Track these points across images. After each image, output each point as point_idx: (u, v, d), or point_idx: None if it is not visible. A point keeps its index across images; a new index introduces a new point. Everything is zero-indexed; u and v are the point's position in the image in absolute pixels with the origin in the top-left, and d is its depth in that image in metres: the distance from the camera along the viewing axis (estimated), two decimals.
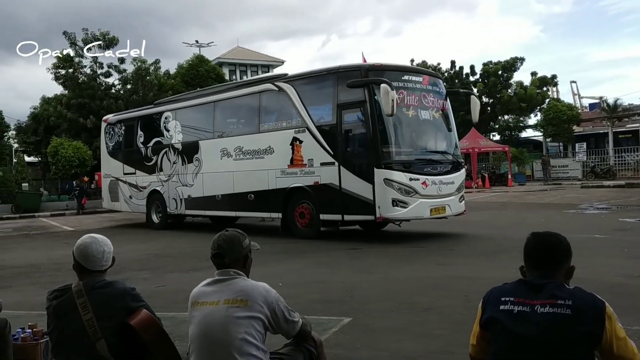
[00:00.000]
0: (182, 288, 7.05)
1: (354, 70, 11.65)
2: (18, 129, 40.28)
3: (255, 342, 2.77)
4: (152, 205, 16.81)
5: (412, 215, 11.27)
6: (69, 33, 31.63)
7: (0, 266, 10.28)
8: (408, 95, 11.48)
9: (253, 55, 53.25)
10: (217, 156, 14.53)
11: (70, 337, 3.01)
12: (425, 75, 12.41)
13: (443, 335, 5.01)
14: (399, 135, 11.55)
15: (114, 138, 18.76)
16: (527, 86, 41.66)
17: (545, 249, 2.50)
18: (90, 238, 3.17)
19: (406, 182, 10.91)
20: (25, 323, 4.46)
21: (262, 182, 13.14)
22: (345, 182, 11.42)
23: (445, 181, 11.60)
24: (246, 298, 2.82)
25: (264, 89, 13.42)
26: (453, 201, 11.78)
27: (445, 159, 12.00)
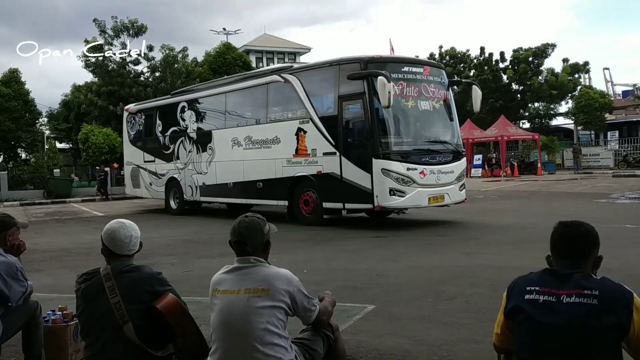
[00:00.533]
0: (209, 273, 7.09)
1: (354, 63, 11.85)
2: (50, 116, 41.09)
3: (277, 331, 2.77)
4: (170, 191, 17.35)
5: (410, 204, 11.55)
6: (98, 21, 32.07)
7: (34, 250, 10.49)
8: (408, 86, 11.69)
9: (280, 43, 53.18)
10: (228, 145, 14.98)
11: (98, 319, 3.09)
12: (427, 66, 12.55)
13: (468, 324, 4.97)
14: (398, 126, 11.83)
15: (135, 127, 19.38)
16: (559, 73, 40.84)
17: (572, 239, 2.46)
18: (118, 223, 3.23)
19: (403, 172, 11.15)
20: (56, 306, 4.56)
21: (270, 171, 13.53)
22: (346, 172, 11.71)
23: (444, 170, 11.77)
24: (267, 287, 2.79)
25: (271, 81, 13.76)
26: (452, 190, 11.96)
27: (444, 149, 12.15)
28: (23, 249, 4.19)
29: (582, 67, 42.24)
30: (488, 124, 37.14)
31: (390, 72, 11.17)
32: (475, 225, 11.76)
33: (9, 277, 3.75)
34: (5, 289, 3.73)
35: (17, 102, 31.76)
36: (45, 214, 19.40)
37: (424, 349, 4.38)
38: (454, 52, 47.96)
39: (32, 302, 4.12)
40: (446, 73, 13.17)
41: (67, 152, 41.03)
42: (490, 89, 41.64)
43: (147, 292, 3.09)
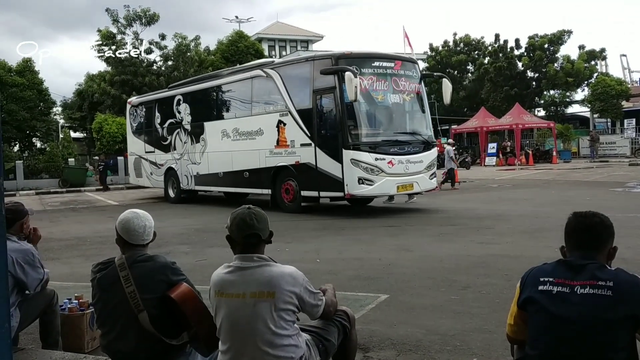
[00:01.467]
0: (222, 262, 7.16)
1: (326, 59, 12.57)
2: (64, 106, 41.38)
3: (286, 333, 2.73)
4: (169, 181, 18.15)
5: (379, 192, 12.20)
6: (111, 10, 32.15)
7: (49, 239, 10.64)
8: (378, 80, 12.30)
9: (292, 31, 52.99)
10: (218, 137, 15.72)
11: (113, 308, 3.14)
12: (398, 61, 13.03)
13: (481, 314, 4.97)
14: (367, 118, 12.39)
15: (137, 119, 20.15)
16: (575, 60, 40.31)
17: (587, 229, 2.44)
18: (132, 213, 3.26)
19: (372, 162, 11.74)
20: (72, 294, 4.63)
21: (255, 161, 14.27)
22: (320, 162, 12.37)
23: (412, 160, 12.31)
24: (273, 290, 2.70)
25: (255, 75, 14.45)
26: (422, 178, 12.51)
27: (414, 140, 12.71)
28: (39, 235, 4.23)
29: (598, 54, 41.62)
30: (503, 112, 36.84)
31: (361, 67, 11.94)
32: (489, 215, 11.69)
33: (26, 264, 3.80)
34: (22, 276, 3.78)
35: (32, 91, 31.99)
36: (61, 203, 19.61)
37: (437, 339, 4.38)
38: (468, 39, 47.52)
39: (49, 290, 4.18)
40: (418, 67, 13.78)
41: (81, 141, 41.34)
42: (505, 77, 41.23)
43: (161, 282, 3.13)
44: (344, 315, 3.26)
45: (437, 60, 47.69)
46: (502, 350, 3.85)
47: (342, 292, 5.81)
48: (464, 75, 48.57)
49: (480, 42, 47.14)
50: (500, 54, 42.18)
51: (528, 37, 41.75)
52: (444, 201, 14.70)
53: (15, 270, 3.73)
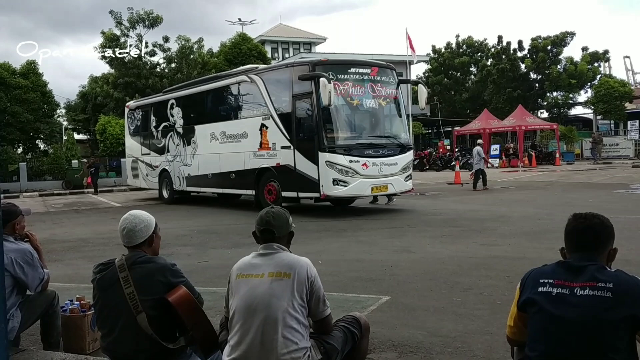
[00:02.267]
0: (225, 264, 7.18)
1: (304, 65, 13.06)
2: (67, 107, 41.46)
3: (297, 316, 2.82)
4: (163, 182, 18.82)
5: (353, 193, 12.60)
6: (115, 12, 32.23)
7: (52, 240, 10.67)
8: (354, 86, 12.71)
9: (295, 33, 53.01)
10: (208, 139, 16.30)
11: (112, 309, 3.14)
12: (375, 67, 13.36)
13: (483, 315, 4.96)
14: (342, 122, 12.80)
15: (134, 122, 20.83)
16: (578, 62, 40.27)
17: (586, 230, 2.44)
18: (128, 215, 3.32)
19: (346, 164, 12.19)
20: (74, 295, 4.64)
21: (240, 163, 14.82)
22: (299, 164, 12.82)
23: (387, 163, 12.75)
24: (289, 271, 2.88)
25: (240, 80, 15.03)
26: (396, 180, 12.96)
27: (389, 143, 13.13)
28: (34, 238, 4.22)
29: (601, 56, 41.59)
30: (505, 113, 36.81)
31: (337, 74, 12.45)
32: (492, 216, 11.68)
33: (25, 264, 3.81)
34: (22, 275, 3.79)
35: (35, 93, 32.05)
36: (64, 205, 19.66)
37: (438, 340, 4.38)
38: (471, 41, 47.55)
39: (50, 291, 4.18)
40: (396, 72, 14.05)
41: (85, 143, 41.41)
42: (508, 78, 41.22)
43: (160, 283, 3.13)
44: (355, 322, 3.23)
45: (439, 62, 47.74)
46: (503, 352, 3.84)
47: (344, 293, 5.82)
48: (466, 77, 48.60)
49: (483, 44, 47.17)
50: (503, 56, 42.19)
51: (531, 39, 41.79)
52: (446, 203, 14.68)
53: (15, 270, 3.74)
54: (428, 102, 44.29)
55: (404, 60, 37.49)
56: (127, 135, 21.55)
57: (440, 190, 18.55)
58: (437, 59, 47.91)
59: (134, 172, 20.78)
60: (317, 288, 2.94)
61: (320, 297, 2.95)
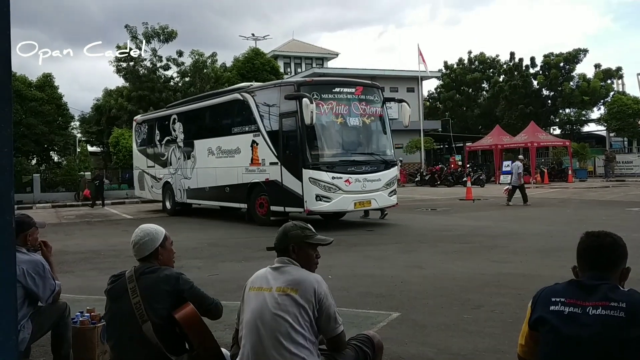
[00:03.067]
0: (234, 277, 7.19)
1: (290, 85, 13.59)
2: (82, 120, 41.93)
3: (303, 332, 2.81)
4: (166, 194, 19.36)
5: (336, 208, 13.12)
6: (130, 27, 32.65)
7: (64, 252, 10.74)
8: (338, 105, 13.22)
9: (308, 48, 53.38)
10: (205, 154, 16.88)
11: (120, 319, 3.20)
12: (359, 87, 13.89)
13: (494, 333, 4.91)
14: (325, 140, 13.28)
15: (140, 135, 21.59)
16: (590, 79, 40.14)
17: (599, 249, 2.41)
18: (137, 229, 3.40)
19: (329, 180, 12.69)
20: (84, 307, 4.66)
21: (234, 177, 15.35)
22: (285, 180, 13.31)
23: (370, 179, 13.20)
24: (297, 287, 2.87)
25: (234, 98, 15.57)
26: (380, 196, 13.38)
27: (372, 159, 13.57)
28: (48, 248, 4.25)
29: (614, 73, 41.45)
30: (518, 130, 36.68)
31: (321, 93, 13.00)
32: (504, 233, 11.61)
33: (36, 275, 3.83)
34: (34, 287, 3.81)
35: (51, 106, 32.46)
36: (76, 216, 19.79)
37: (449, 358, 4.34)
38: (483, 57, 47.59)
39: (61, 303, 4.20)
40: (381, 91, 14.41)
41: (98, 155, 41.78)
42: (520, 95, 41.14)
43: (165, 292, 3.17)
44: (367, 342, 3.18)
45: (451, 77, 47.79)
46: None
47: (354, 309, 5.79)
48: (478, 93, 48.58)
49: (495, 60, 47.18)
50: (516, 72, 42.15)
51: (543, 56, 41.73)
52: (458, 219, 14.62)
53: (27, 281, 3.76)
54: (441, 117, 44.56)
55: (416, 76, 37.67)
56: (134, 148, 22.35)
57: (452, 206, 18.48)
58: (449, 74, 47.97)
59: (141, 183, 21.52)
60: (327, 306, 2.89)
61: (330, 315, 2.90)
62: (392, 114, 38.15)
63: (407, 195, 24.87)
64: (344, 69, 39.71)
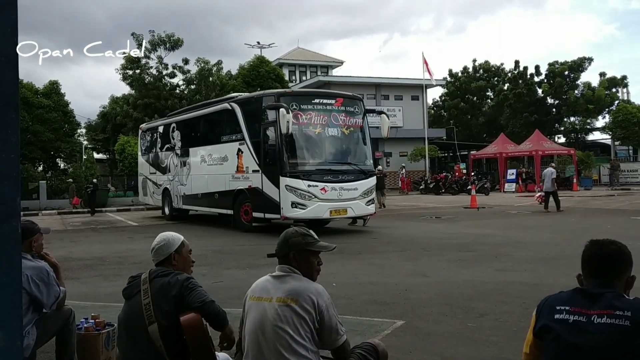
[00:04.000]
0: (238, 285, 7.19)
1: (271, 96, 13.93)
2: (88, 127, 42.12)
3: (303, 342, 2.79)
4: (165, 199, 19.99)
5: (311, 216, 13.24)
6: (137, 35, 32.84)
7: (69, 258, 10.76)
8: (317, 115, 13.55)
9: (313, 56, 53.55)
10: (198, 161, 17.48)
11: (130, 319, 3.27)
12: (340, 98, 14.22)
13: (498, 342, 4.90)
14: (302, 149, 13.64)
15: (144, 143, 22.41)
16: (595, 87, 40.11)
17: (604, 257, 2.41)
18: (158, 235, 3.52)
19: (304, 188, 13.01)
20: (89, 314, 4.67)
21: (222, 184, 15.83)
22: (265, 187, 13.70)
23: (346, 188, 13.48)
24: (297, 297, 2.84)
25: (223, 108, 16.03)
26: (357, 204, 13.63)
27: (350, 169, 13.85)
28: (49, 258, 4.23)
29: (619, 81, 41.39)
30: (522, 138, 36.64)
31: (301, 104, 13.43)
32: (508, 241, 11.57)
33: (41, 282, 3.83)
34: (38, 293, 3.82)
35: (57, 113, 32.65)
36: (82, 223, 19.84)
37: None
38: (488, 65, 47.63)
39: (66, 309, 4.21)
40: (362, 103, 14.77)
41: (104, 163, 41.92)
42: (525, 103, 41.13)
43: (172, 297, 3.21)
44: (372, 350, 3.14)
45: (456, 86, 47.82)
46: None
47: (358, 317, 5.78)
48: (483, 101, 48.59)
49: (500, 69, 47.21)
50: (520, 81, 42.16)
51: (548, 64, 41.76)
52: (462, 227, 14.59)
53: (31, 288, 3.77)
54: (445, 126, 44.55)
55: (421, 84, 37.71)
56: (139, 155, 23.03)
57: (456, 214, 18.45)
58: (453, 82, 48.01)
59: (144, 190, 22.27)
60: (329, 317, 2.86)
61: (332, 327, 2.87)
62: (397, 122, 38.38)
63: (411, 203, 24.85)
64: (349, 77, 39.79)
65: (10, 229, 1.27)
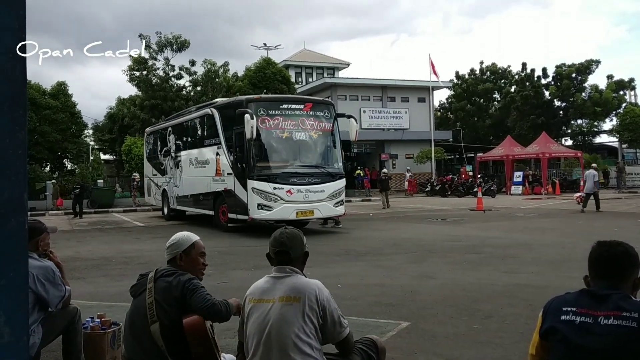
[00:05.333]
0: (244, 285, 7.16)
1: (241, 102, 14.27)
2: (95, 128, 42.31)
3: (308, 340, 2.79)
4: (164, 200, 20.65)
5: (277, 217, 13.54)
6: (144, 36, 32.96)
7: (75, 258, 10.80)
8: (285, 120, 13.92)
9: (319, 58, 53.57)
10: (188, 164, 18.06)
11: (135, 317, 3.30)
12: (309, 103, 14.70)
13: (504, 344, 4.88)
14: (269, 153, 14.06)
15: (148, 146, 23.13)
16: (603, 90, 39.95)
17: (611, 259, 2.39)
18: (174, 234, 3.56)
19: (270, 191, 13.44)
20: (95, 313, 4.69)
21: (205, 187, 16.43)
22: (237, 189, 14.18)
23: (313, 190, 13.83)
24: (299, 295, 2.85)
25: (205, 114, 16.66)
26: (324, 206, 13.99)
27: (317, 172, 14.20)
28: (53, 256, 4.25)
29: (627, 84, 41.22)
30: (529, 140, 36.51)
31: (269, 109, 13.85)
32: (514, 244, 11.53)
33: (46, 281, 3.84)
34: (43, 292, 3.82)
35: (64, 114, 32.82)
36: (88, 223, 19.90)
37: None
38: (495, 67, 47.52)
39: (72, 308, 4.22)
40: (333, 108, 15.13)
41: (110, 163, 42.08)
42: (532, 105, 41.01)
43: (174, 298, 3.23)
44: (372, 345, 3.21)
45: (463, 88, 47.73)
46: None
47: (363, 318, 5.77)
48: (490, 103, 48.47)
49: (507, 71, 47.09)
50: (527, 83, 42.04)
51: (555, 67, 41.67)
52: (468, 229, 14.55)
53: (37, 287, 3.78)
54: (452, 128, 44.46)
55: (427, 86, 37.65)
56: (144, 158, 23.90)
57: (462, 217, 18.40)
58: (460, 85, 47.92)
59: (148, 190, 23.07)
60: (331, 311, 2.88)
61: (335, 320, 2.90)
62: (403, 124, 38.33)
63: (417, 205, 24.80)
64: (355, 79, 39.76)
65: (17, 224, 1.27)
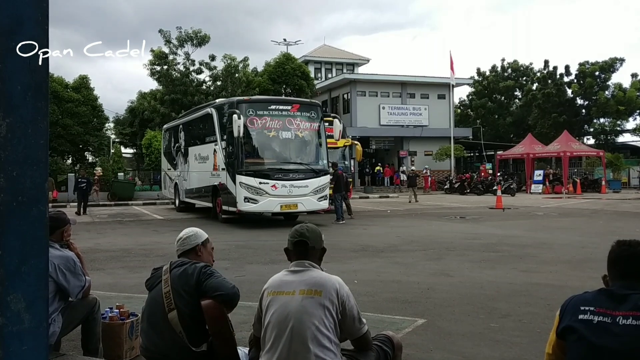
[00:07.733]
0: (261, 279, 7.22)
1: (233, 103, 15.35)
2: (116, 121, 42.71)
3: (327, 334, 2.82)
4: (176, 193, 21.92)
5: (262, 209, 14.90)
6: (164, 31, 33.15)
7: (96, 250, 10.95)
8: (272, 120, 14.93)
9: (339, 54, 53.37)
10: (193, 159, 19.30)
11: (152, 308, 3.38)
12: (296, 104, 15.73)
13: (521, 343, 4.84)
14: (256, 150, 15.09)
15: (165, 141, 24.57)
16: (627, 88, 39.29)
17: (630, 258, 2.36)
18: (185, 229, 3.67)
19: (256, 185, 14.48)
20: (114, 304, 4.75)
21: (205, 181, 17.64)
22: (228, 184, 15.24)
23: (297, 185, 14.78)
24: (320, 289, 2.88)
25: (206, 112, 17.78)
26: (307, 200, 14.96)
27: (301, 168, 15.14)
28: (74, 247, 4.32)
29: None
30: (550, 139, 36.09)
31: (257, 110, 14.87)
32: (533, 243, 11.42)
33: (67, 271, 3.91)
34: (64, 282, 3.89)
35: (86, 107, 33.14)
36: (109, 216, 20.15)
37: None
38: (517, 65, 47.02)
39: (91, 298, 4.29)
40: (320, 109, 16.18)
41: (131, 157, 42.46)
42: (554, 103, 40.50)
43: (191, 284, 3.30)
44: (387, 341, 3.23)
45: (484, 85, 47.29)
46: None
47: (379, 314, 5.77)
48: (511, 101, 47.97)
49: (529, 68, 46.57)
50: (549, 81, 41.51)
51: (578, 64, 41.05)
52: (487, 227, 14.44)
53: (57, 277, 3.84)
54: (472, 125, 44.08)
55: (448, 83, 37.37)
56: (162, 153, 25.25)
57: (481, 215, 18.26)
58: (481, 82, 47.48)
59: (165, 183, 24.56)
60: (350, 307, 2.92)
61: (354, 316, 2.94)
62: (423, 121, 38.13)
63: (435, 203, 24.67)
64: (374, 75, 39.62)
65: (38, 212, 1.29)
